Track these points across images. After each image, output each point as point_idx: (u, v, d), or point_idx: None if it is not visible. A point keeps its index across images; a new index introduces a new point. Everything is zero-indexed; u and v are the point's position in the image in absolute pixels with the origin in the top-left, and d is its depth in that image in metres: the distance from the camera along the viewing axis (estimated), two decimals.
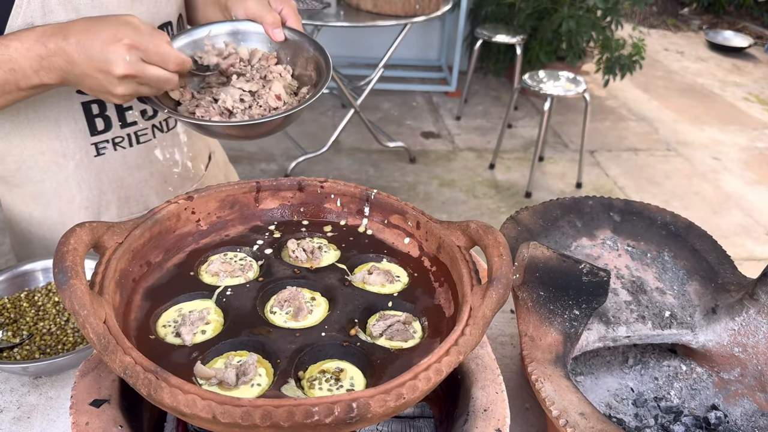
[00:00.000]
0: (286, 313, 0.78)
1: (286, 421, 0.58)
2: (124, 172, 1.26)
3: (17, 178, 1.23)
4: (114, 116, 1.20)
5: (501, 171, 4.35)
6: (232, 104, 0.99)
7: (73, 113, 1.16)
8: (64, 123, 1.16)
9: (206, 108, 1.00)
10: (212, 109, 0.99)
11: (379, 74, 3.94)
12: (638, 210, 1.26)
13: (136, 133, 1.24)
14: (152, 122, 1.26)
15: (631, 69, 5.06)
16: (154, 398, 0.60)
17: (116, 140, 1.22)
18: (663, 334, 1.09)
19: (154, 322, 0.76)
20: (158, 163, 1.30)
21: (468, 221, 0.83)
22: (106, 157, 1.23)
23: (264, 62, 1.11)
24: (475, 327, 0.70)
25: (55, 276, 0.66)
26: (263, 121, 0.96)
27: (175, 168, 1.35)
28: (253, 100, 1.01)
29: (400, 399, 0.61)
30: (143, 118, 1.24)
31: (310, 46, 1.10)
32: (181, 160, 1.35)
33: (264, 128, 0.97)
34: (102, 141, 1.21)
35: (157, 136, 1.28)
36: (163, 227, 0.84)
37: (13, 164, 1.21)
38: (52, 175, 1.21)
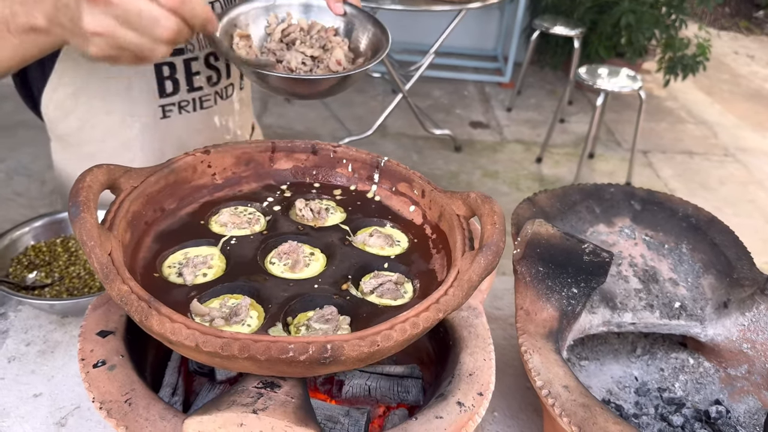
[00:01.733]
0: (284, 265, 0.82)
1: (262, 354, 0.61)
2: (186, 136, 1.29)
3: (77, 138, 1.27)
4: (183, 80, 1.23)
5: (548, 165, 4.29)
6: (296, 65, 1.03)
7: (144, 73, 1.19)
8: (136, 83, 1.19)
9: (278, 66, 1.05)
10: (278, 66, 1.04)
11: (429, 60, 3.94)
12: (660, 200, 1.25)
13: (201, 98, 1.27)
14: (215, 89, 1.29)
15: (694, 70, 4.90)
16: (145, 325, 0.65)
17: (182, 104, 1.25)
18: (670, 324, 1.08)
19: (161, 263, 0.81)
20: (215, 128, 1.34)
21: (469, 191, 0.85)
22: (171, 120, 1.26)
23: (323, 34, 1.14)
24: (459, 288, 0.72)
25: (69, 209, 0.71)
26: (325, 77, 0.99)
27: (227, 135, 1.39)
28: (315, 64, 1.05)
29: (373, 345, 0.64)
30: (209, 84, 1.27)
31: (368, 22, 1.13)
32: (233, 128, 1.38)
33: (322, 86, 1.00)
34: (169, 104, 1.23)
35: (218, 102, 1.31)
36: (179, 177, 0.89)
37: (76, 123, 1.24)
38: (115, 135, 1.24)
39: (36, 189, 3.38)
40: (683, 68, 4.91)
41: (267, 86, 1.06)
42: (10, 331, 1.15)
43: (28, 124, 1.28)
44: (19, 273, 1.21)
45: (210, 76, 1.27)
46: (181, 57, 1.21)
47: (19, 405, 1.01)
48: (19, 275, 1.21)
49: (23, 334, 1.15)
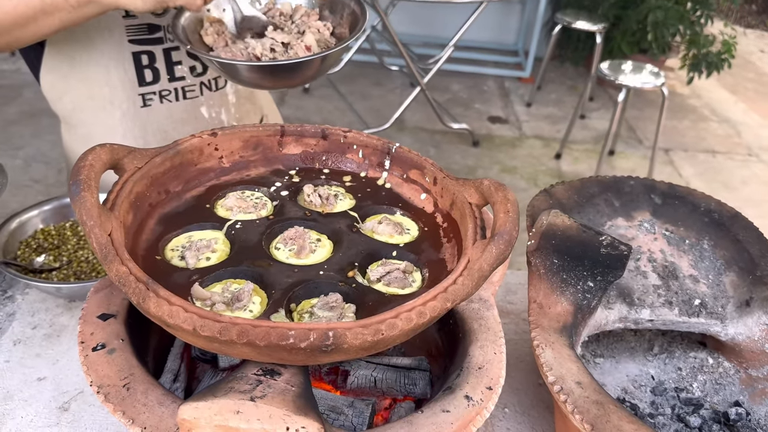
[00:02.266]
0: (289, 250, 0.79)
1: (261, 340, 0.59)
2: (169, 126, 1.29)
3: (73, 119, 1.29)
4: (163, 69, 1.23)
5: (567, 162, 4.23)
6: (261, 51, 1.00)
7: (123, 61, 1.20)
8: (114, 70, 1.20)
9: (234, 53, 1.02)
10: (240, 54, 1.01)
11: (448, 52, 3.90)
12: (682, 194, 1.20)
13: (184, 89, 1.27)
14: (201, 79, 1.28)
15: (719, 67, 4.80)
16: (142, 307, 0.63)
17: (163, 93, 1.25)
18: (689, 322, 1.04)
19: (163, 246, 0.79)
20: (203, 120, 1.33)
21: (482, 179, 0.82)
22: (152, 109, 1.26)
23: (305, 18, 1.12)
24: (468, 278, 0.69)
25: (69, 188, 0.70)
26: (277, 63, 0.96)
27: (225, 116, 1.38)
28: (285, 51, 1.02)
29: (377, 334, 0.62)
30: (192, 74, 1.27)
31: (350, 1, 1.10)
32: (228, 120, 1.37)
33: (284, 74, 0.98)
34: (149, 92, 1.24)
35: (205, 93, 1.30)
36: (185, 159, 0.87)
37: (69, 105, 1.26)
38: (100, 120, 1.26)
39: (53, 176, 3.40)
40: (708, 66, 4.81)
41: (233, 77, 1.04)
42: (16, 313, 1.15)
43: (50, 111, 1.28)
44: (27, 256, 1.21)
45: (193, 66, 1.26)
46: (161, 46, 1.20)
47: (23, 388, 1.00)
48: (27, 258, 1.20)
49: (30, 317, 1.14)
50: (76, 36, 1.16)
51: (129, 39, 1.18)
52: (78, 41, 1.16)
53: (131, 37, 1.18)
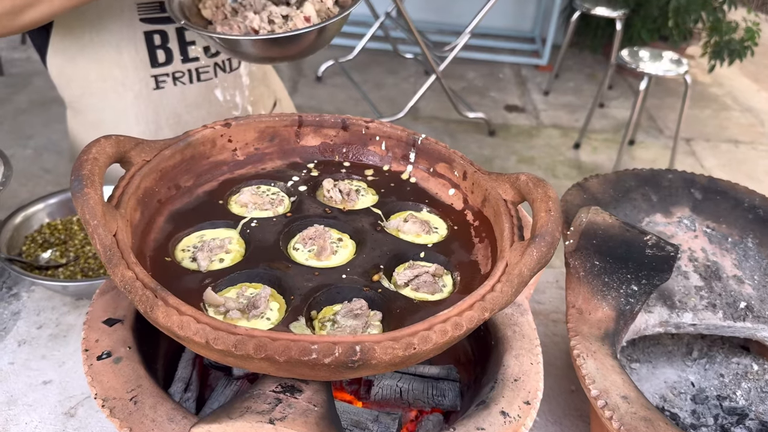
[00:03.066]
0: (308, 251, 0.73)
1: (281, 355, 0.53)
2: (182, 109, 1.24)
3: (81, 104, 1.24)
4: (176, 49, 1.18)
5: (586, 152, 4.13)
6: (259, 24, 0.94)
7: (135, 41, 1.15)
8: (126, 51, 1.15)
9: (232, 26, 0.95)
10: (237, 28, 0.95)
11: (464, 40, 3.80)
12: (723, 189, 1.13)
13: (198, 70, 1.22)
14: (215, 60, 1.23)
15: (742, 55, 4.67)
16: (150, 316, 0.57)
17: (176, 75, 1.20)
18: (735, 327, 0.97)
19: (174, 246, 0.73)
20: (217, 103, 1.28)
21: (518, 173, 0.75)
22: (165, 91, 1.21)
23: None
24: (507, 284, 0.63)
25: (71, 183, 0.64)
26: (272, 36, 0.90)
27: (235, 111, 1.32)
28: (285, 22, 0.95)
29: (409, 348, 0.55)
30: (206, 55, 1.21)
31: None
32: (242, 104, 1.32)
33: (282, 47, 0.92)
34: (162, 74, 1.19)
35: (219, 75, 1.25)
36: (197, 152, 0.81)
37: (78, 89, 1.21)
38: (111, 103, 1.21)
39: (64, 166, 3.35)
40: (730, 53, 4.68)
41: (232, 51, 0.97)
42: (22, 312, 1.10)
43: (61, 100, 1.24)
44: (32, 252, 1.16)
45: (207, 47, 1.20)
46: (174, 25, 1.15)
47: (27, 392, 0.95)
48: (33, 254, 1.15)
49: (35, 316, 1.09)
50: (85, 16, 1.10)
51: (141, 18, 1.12)
52: (87, 21, 1.11)
53: (143, 16, 1.12)
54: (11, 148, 3.48)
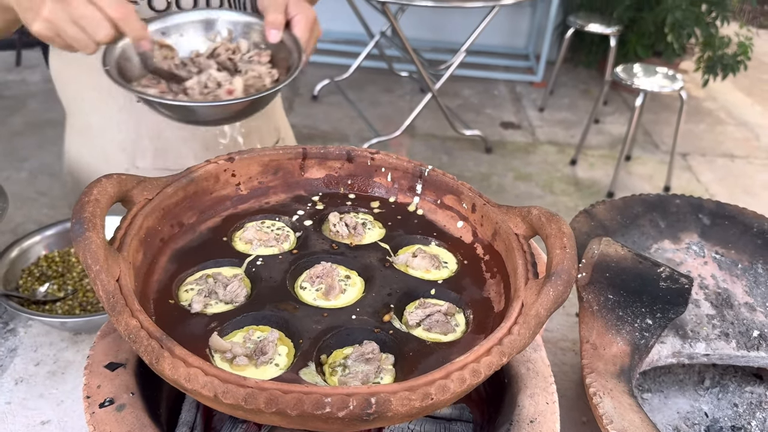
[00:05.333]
0: (316, 290, 0.71)
1: (293, 409, 0.51)
2: (163, 125, 1.22)
3: (74, 107, 1.26)
4: None
5: (583, 168, 4.13)
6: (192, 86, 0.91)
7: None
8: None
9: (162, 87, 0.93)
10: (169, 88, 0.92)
11: (460, 58, 3.81)
12: (731, 214, 1.12)
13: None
14: None
15: (735, 69, 4.70)
16: (155, 368, 0.55)
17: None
18: (748, 356, 0.95)
19: (177, 287, 0.71)
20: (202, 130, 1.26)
21: (530, 207, 0.74)
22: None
23: (256, 57, 1.02)
24: (525, 326, 0.61)
25: (72, 226, 0.62)
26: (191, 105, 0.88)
27: (222, 138, 1.29)
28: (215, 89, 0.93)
29: (426, 399, 0.53)
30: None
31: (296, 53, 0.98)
32: (231, 133, 1.29)
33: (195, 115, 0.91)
34: None
35: None
36: (200, 188, 0.79)
37: (72, 92, 1.24)
38: (99, 111, 1.22)
39: (59, 188, 3.32)
40: (723, 68, 4.71)
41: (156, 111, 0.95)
42: (18, 349, 1.07)
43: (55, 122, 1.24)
44: (29, 285, 1.13)
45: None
46: None
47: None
48: (30, 288, 1.13)
49: (32, 352, 1.06)
50: None
51: None
52: None
53: None
54: (6, 170, 3.45)
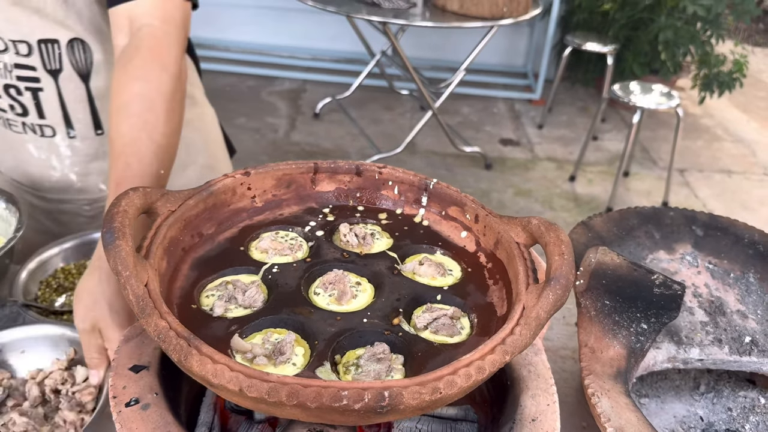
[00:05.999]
0: (329, 296, 0.75)
1: (313, 402, 0.55)
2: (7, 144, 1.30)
3: None
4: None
5: (582, 184, 4.19)
6: None
7: None
8: None
9: None
10: None
11: (460, 77, 3.89)
12: (724, 226, 1.16)
13: (8, 121, 1.26)
14: (23, 120, 1.25)
15: (731, 87, 4.78)
16: (183, 365, 0.59)
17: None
18: (741, 361, 0.99)
19: (199, 292, 0.75)
20: (30, 156, 1.31)
21: (530, 217, 0.78)
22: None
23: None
24: (526, 327, 0.65)
25: (103, 236, 0.66)
26: None
27: (53, 171, 1.33)
28: None
29: (435, 393, 0.57)
30: (12, 112, 1.24)
31: None
32: (60, 167, 1.32)
33: None
34: None
35: (29, 134, 1.27)
36: (218, 200, 0.84)
37: None
38: None
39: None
40: (719, 85, 4.79)
41: None
42: None
43: None
44: (48, 297, 1.17)
45: (12, 105, 1.23)
46: None
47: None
48: (48, 299, 1.17)
49: None
50: None
51: None
52: None
53: None
54: None
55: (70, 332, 1.02)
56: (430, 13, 3.49)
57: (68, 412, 0.94)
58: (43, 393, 0.98)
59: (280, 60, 5.61)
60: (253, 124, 4.60)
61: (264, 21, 5.67)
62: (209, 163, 1.47)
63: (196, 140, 1.42)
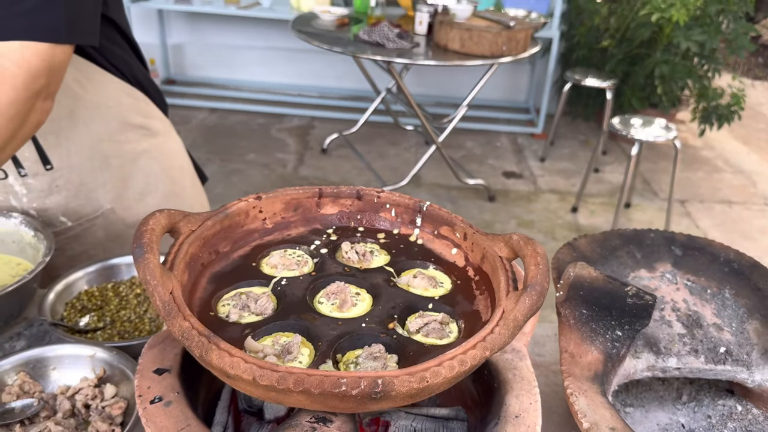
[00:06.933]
0: (332, 304, 0.84)
1: (316, 388, 0.64)
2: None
3: None
4: None
5: (584, 215, 4.28)
6: None
7: None
8: None
9: None
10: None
11: (462, 112, 4.01)
12: (701, 246, 1.25)
13: None
14: None
15: (729, 119, 4.89)
16: (204, 359, 0.68)
17: None
18: (716, 370, 1.06)
19: (216, 302, 0.84)
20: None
21: (511, 234, 0.87)
22: None
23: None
24: (504, 327, 0.74)
25: (133, 250, 0.76)
26: None
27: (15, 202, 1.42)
28: None
29: (423, 382, 0.66)
30: None
31: None
32: (20, 207, 1.42)
33: None
34: None
35: None
36: (233, 221, 0.93)
37: None
38: None
39: None
40: (718, 118, 4.91)
41: None
42: None
43: None
44: (72, 317, 1.26)
45: None
46: None
47: None
48: (73, 319, 1.26)
49: None
50: None
51: None
52: None
53: None
54: None
55: (100, 352, 1.11)
56: (433, 52, 3.63)
57: (101, 423, 1.02)
58: (73, 407, 1.07)
59: (289, 98, 5.79)
60: (263, 160, 4.74)
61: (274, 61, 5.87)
62: (172, 191, 1.57)
63: (154, 169, 1.52)
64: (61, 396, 1.08)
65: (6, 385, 1.09)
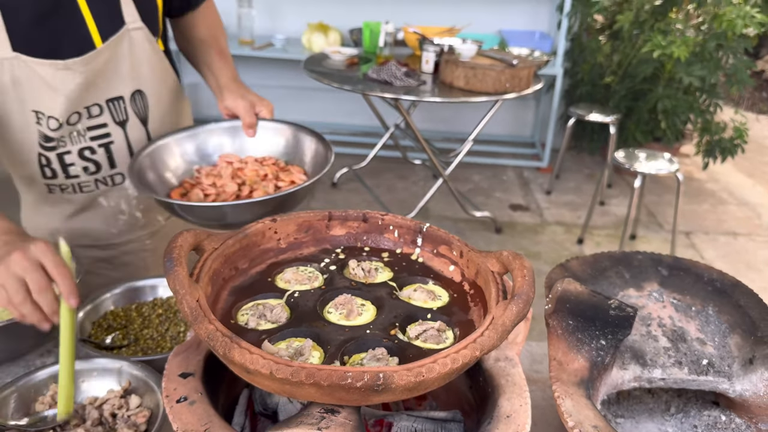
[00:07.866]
0: (339, 314, 0.94)
1: (325, 380, 0.73)
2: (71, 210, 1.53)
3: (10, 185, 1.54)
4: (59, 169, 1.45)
5: (590, 246, 4.35)
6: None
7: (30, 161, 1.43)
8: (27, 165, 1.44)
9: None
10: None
11: (468, 147, 4.13)
12: (686, 266, 1.33)
13: (80, 184, 1.49)
14: (95, 177, 1.50)
15: (732, 152, 4.98)
16: (227, 357, 0.77)
17: (62, 186, 1.48)
18: (699, 380, 1.14)
19: (236, 312, 0.94)
20: (102, 207, 1.55)
21: (502, 251, 0.97)
22: (56, 196, 1.50)
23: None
24: (493, 331, 0.82)
25: (164, 264, 0.86)
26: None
27: (122, 215, 1.58)
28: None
29: (419, 376, 0.75)
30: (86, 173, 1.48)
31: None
32: (129, 210, 1.58)
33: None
34: (52, 184, 1.48)
35: (101, 188, 1.52)
36: (251, 241, 1.04)
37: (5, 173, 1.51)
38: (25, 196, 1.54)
39: None
40: (721, 151, 5.00)
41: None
42: None
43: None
44: (99, 335, 1.36)
45: (86, 167, 1.46)
46: (54, 152, 1.42)
47: None
48: (100, 337, 1.35)
49: None
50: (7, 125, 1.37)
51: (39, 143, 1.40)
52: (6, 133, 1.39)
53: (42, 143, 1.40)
54: None
55: (126, 366, 1.20)
56: (439, 90, 3.77)
57: (127, 430, 1.11)
58: (101, 416, 1.16)
59: None
60: None
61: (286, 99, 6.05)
62: None
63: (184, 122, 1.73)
64: (89, 406, 1.17)
65: (40, 395, 1.18)
